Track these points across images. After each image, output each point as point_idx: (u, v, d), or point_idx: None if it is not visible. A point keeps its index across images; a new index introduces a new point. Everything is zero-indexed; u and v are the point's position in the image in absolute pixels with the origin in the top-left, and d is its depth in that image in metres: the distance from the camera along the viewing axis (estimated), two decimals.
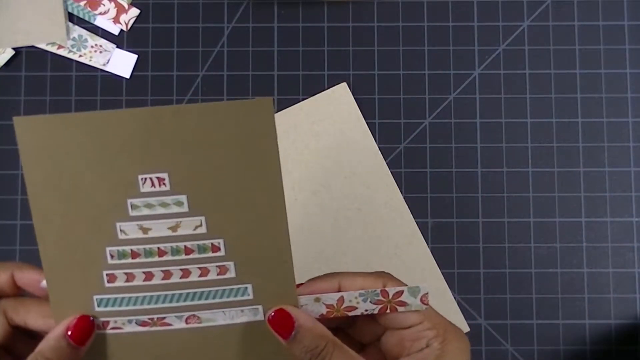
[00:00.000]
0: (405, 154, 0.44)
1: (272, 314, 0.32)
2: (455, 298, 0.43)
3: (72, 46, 0.45)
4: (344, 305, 0.33)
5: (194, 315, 0.37)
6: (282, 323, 0.32)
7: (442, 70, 0.45)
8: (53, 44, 0.45)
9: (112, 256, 0.37)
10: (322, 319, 0.32)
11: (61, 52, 0.45)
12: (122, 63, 0.45)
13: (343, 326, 0.34)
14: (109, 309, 0.37)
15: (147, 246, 0.37)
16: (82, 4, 0.45)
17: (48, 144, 0.35)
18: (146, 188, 0.36)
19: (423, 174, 0.44)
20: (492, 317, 0.43)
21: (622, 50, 0.45)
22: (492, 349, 0.43)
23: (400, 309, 0.32)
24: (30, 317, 0.33)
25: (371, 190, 0.44)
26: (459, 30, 0.45)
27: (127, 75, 0.45)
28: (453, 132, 0.44)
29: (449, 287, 0.43)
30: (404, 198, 0.44)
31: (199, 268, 0.37)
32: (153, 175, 0.36)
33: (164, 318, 0.37)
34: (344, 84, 0.44)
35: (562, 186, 0.44)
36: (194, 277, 0.37)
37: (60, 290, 0.36)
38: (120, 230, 0.37)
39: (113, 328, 0.37)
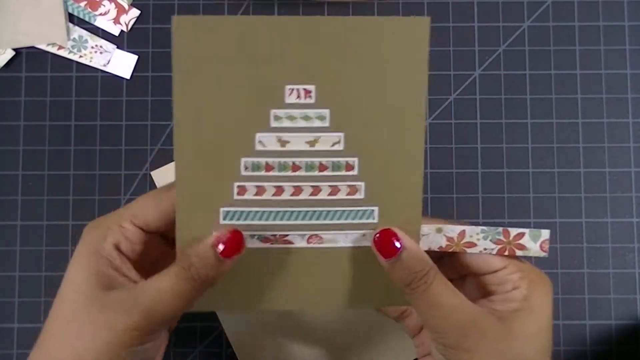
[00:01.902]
0: None
1: (378, 234, 0.32)
2: None
3: (73, 47, 0.45)
4: (464, 240, 0.33)
5: (316, 235, 0.36)
6: (387, 243, 0.32)
7: (442, 70, 0.45)
8: (53, 44, 0.45)
9: (246, 168, 0.36)
10: (438, 253, 0.32)
11: (61, 52, 0.45)
12: (122, 63, 0.45)
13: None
14: (234, 222, 0.36)
15: (283, 159, 0.36)
16: (82, 4, 0.45)
17: (202, 45, 0.34)
18: (291, 99, 0.35)
19: (423, 175, 0.44)
20: None
21: (622, 50, 0.45)
22: None
23: (519, 252, 0.32)
24: (150, 213, 0.34)
25: None
26: (459, 31, 0.45)
27: (128, 76, 0.45)
28: (453, 133, 0.44)
29: None
30: None
31: (330, 186, 0.36)
32: (300, 87, 0.35)
33: (286, 235, 0.36)
34: None
35: (562, 186, 0.44)
36: (323, 195, 0.36)
37: (189, 199, 0.35)
38: (259, 142, 0.36)
39: None
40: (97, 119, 0.44)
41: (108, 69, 0.45)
